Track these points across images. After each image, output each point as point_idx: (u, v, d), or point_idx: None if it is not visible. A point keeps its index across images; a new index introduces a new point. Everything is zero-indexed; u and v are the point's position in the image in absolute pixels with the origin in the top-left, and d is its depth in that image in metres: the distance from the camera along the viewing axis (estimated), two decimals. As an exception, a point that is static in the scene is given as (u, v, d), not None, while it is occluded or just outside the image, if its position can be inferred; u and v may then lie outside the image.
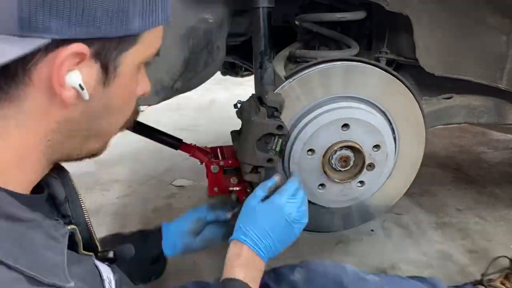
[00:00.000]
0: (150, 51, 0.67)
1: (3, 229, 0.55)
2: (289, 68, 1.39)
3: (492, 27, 1.36)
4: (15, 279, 0.53)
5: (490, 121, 1.56)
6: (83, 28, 0.55)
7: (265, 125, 1.06)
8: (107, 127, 0.70)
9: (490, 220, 2.04)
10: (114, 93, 0.65)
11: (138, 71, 0.69)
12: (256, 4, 1.21)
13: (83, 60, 0.58)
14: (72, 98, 0.59)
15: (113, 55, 0.61)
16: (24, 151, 0.61)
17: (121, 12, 0.58)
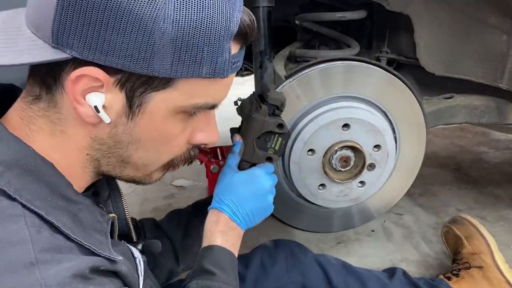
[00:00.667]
0: (193, 101, 0.67)
1: (60, 206, 0.62)
2: (289, 67, 1.38)
3: (493, 27, 1.36)
4: (72, 248, 0.59)
5: (490, 121, 1.55)
6: (102, 55, 0.58)
7: (265, 123, 1.06)
8: (141, 160, 0.72)
9: (490, 220, 2.04)
10: (140, 128, 0.67)
11: (182, 117, 0.69)
12: (256, 4, 1.21)
13: (104, 85, 0.61)
14: (89, 116, 0.63)
15: (139, 91, 0.63)
16: (70, 158, 0.67)
17: (143, 52, 0.58)
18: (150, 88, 0.63)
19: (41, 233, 0.56)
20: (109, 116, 0.63)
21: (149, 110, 0.65)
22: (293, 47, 1.50)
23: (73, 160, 0.68)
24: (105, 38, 0.57)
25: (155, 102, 0.64)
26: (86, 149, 0.68)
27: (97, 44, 0.57)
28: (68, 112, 0.64)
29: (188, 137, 0.75)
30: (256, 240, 1.83)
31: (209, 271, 0.86)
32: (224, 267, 0.88)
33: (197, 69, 0.62)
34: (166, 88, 0.63)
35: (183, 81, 0.63)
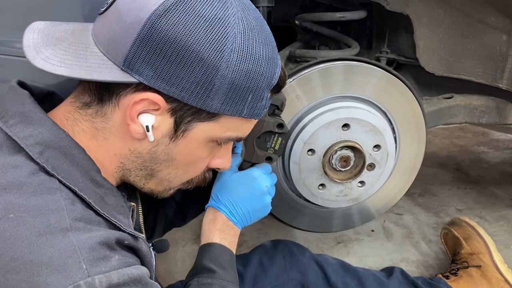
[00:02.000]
0: (227, 134, 0.77)
1: (90, 187, 0.69)
2: (289, 67, 1.39)
3: (493, 27, 1.36)
4: (100, 221, 0.67)
5: (490, 121, 1.55)
6: (167, 86, 0.67)
7: (265, 123, 1.06)
8: (168, 176, 0.81)
9: (490, 220, 2.04)
10: (178, 149, 0.76)
11: (211, 145, 0.79)
12: (256, 4, 1.21)
13: (159, 110, 0.69)
14: (137, 133, 0.71)
15: (187, 119, 0.72)
16: (104, 162, 0.75)
17: (203, 89, 0.68)
18: (197, 119, 0.72)
19: (75, 205, 0.64)
20: (154, 135, 0.72)
21: (191, 136, 0.74)
22: (293, 47, 1.50)
23: (107, 163, 0.75)
24: (172, 72, 0.66)
25: (198, 130, 0.74)
26: (122, 157, 0.76)
27: (164, 76, 0.66)
28: (115, 124, 0.72)
29: (208, 161, 0.84)
30: (256, 240, 1.83)
31: (209, 268, 0.87)
32: (223, 265, 0.89)
33: (240, 110, 0.73)
34: (210, 121, 0.73)
35: (225, 117, 0.74)
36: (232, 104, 0.72)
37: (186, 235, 1.89)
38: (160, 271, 1.74)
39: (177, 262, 1.74)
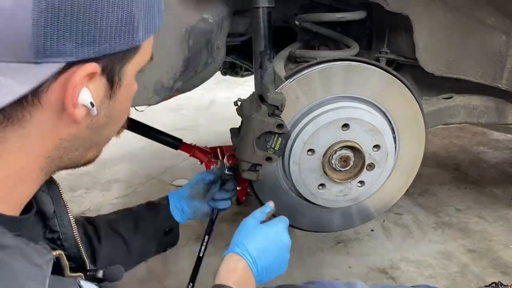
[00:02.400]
0: (146, 58, 0.67)
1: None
2: (289, 68, 1.39)
3: (492, 27, 1.36)
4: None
5: (490, 121, 1.56)
6: (95, 47, 0.56)
7: (265, 123, 1.06)
8: (108, 136, 0.71)
9: (490, 219, 2.04)
10: (118, 103, 0.65)
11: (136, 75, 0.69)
12: (256, 4, 1.21)
13: (93, 78, 0.59)
14: (82, 115, 0.60)
15: (117, 68, 0.62)
16: (23, 171, 0.61)
17: (128, 24, 0.59)
18: (126, 61, 0.62)
19: None
20: (96, 106, 0.61)
21: (125, 82, 0.64)
22: (293, 48, 1.51)
23: (28, 170, 0.62)
24: (93, 29, 0.55)
25: (128, 72, 0.64)
26: (49, 152, 0.63)
27: (87, 38, 0.55)
28: (38, 124, 0.58)
29: None
30: (256, 240, 1.84)
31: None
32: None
33: (156, 24, 0.64)
34: (136, 54, 0.63)
35: (146, 42, 0.64)
36: (151, 22, 0.63)
37: (186, 235, 1.89)
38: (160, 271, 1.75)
39: (178, 262, 1.75)
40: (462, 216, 2.11)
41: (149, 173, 2.68)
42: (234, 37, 1.58)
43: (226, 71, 2.66)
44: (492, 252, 1.86)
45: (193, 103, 4.35)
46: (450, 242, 1.90)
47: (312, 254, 1.85)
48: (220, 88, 4.96)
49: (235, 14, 1.44)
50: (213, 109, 4.38)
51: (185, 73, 1.26)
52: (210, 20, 1.26)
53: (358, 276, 1.78)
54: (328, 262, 1.82)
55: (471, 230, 2.00)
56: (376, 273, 1.78)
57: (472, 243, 1.91)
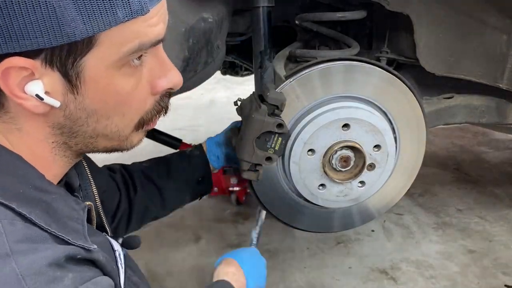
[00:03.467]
0: (126, 49, 0.62)
1: (33, 197, 0.61)
2: (289, 67, 1.38)
3: (493, 27, 1.36)
4: (46, 238, 0.59)
5: (491, 121, 1.55)
6: (13, 42, 0.56)
7: (265, 123, 1.06)
8: (109, 129, 0.69)
9: (490, 220, 2.04)
10: (90, 98, 0.64)
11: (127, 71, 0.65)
12: (256, 4, 1.21)
13: (34, 72, 0.59)
14: (37, 107, 0.61)
15: (69, 62, 0.60)
16: (35, 152, 0.66)
17: (49, 21, 0.56)
18: (78, 55, 0.60)
19: (15, 225, 0.57)
20: (56, 99, 0.61)
21: (89, 77, 0.62)
22: (293, 47, 1.50)
23: (40, 151, 0.67)
24: (6, 24, 0.55)
25: (90, 67, 0.61)
26: (49, 138, 0.67)
27: (4, 34, 0.55)
28: (16, 109, 0.63)
29: (150, 88, 0.70)
30: (256, 240, 1.83)
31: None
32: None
33: (112, 17, 0.58)
34: (92, 48, 0.60)
35: (103, 34, 0.59)
36: (95, 16, 0.57)
37: (186, 235, 1.89)
38: (160, 271, 1.75)
39: (178, 262, 1.75)
40: (463, 216, 2.10)
41: (149, 173, 2.68)
42: (234, 37, 1.58)
43: (226, 71, 2.66)
44: (492, 253, 1.86)
45: (192, 103, 4.35)
46: (451, 243, 1.90)
47: (312, 254, 1.84)
48: (220, 87, 4.96)
49: (235, 14, 1.43)
50: (213, 109, 4.37)
51: (184, 73, 1.26)
52: (210, 19, 1.25)
53: (359, 276, 1.78)
54: (329, 262, 1.82)
55: (471, 230, 2.00)
56: (376, 274, 1.77)
57: (473, 244, 1.90)
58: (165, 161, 1.22)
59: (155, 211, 1.18)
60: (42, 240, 0.58)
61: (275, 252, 1.87)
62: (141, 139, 0.77)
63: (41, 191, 0.63)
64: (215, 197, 2.45)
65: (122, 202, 1.10)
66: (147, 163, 1.21)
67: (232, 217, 2.15)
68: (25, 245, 0.55)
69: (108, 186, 1.06)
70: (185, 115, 4.06)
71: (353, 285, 1.76)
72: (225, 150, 1.25)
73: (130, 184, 1.13)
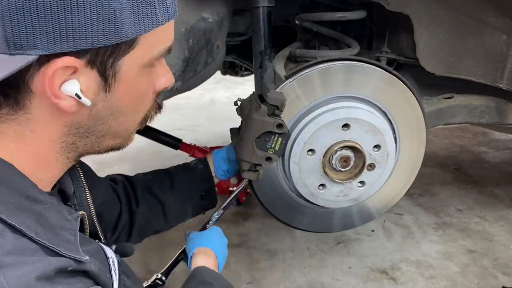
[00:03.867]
0: (156, 51, 0.67)
1: (25, 207, 0.60)
2: (289, 67, 1.38)
3: (493, 27, 1.36)
4: (37, 249, 0.58)
5: (491, 121, 1.55)
6: (69, 42, 0.57)
7: (265, 123, 1.06)
8: (121, 126, 0.72)
9: (490, 220, 2.04)
10: (119, 96, 0.67)
11: (148, 70, 0.69)
12: (256, 4, 1.21)
13: (77, 71, 0.60)
14: (71, 106, 0.62)
15: (110, 62, 0.62)
16: (41, 153, 0.66)
17: (108, 22, 0.58)
18: (120, 55, 0.63)
19: (4, 236, 0.56)
20: (88, 98, 0.63)
21: (123, 76, 0.65)
22: (293, 47, 1.50)
23: (46, 152, 0.67)
24: (66, 23, 0.56)
25: (127, 66, 0.64)
26: (61, 138, 0.67)
27: (60, 33, 0.56)
28: (39, 111, 0.63)
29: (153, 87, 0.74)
30: (256, 240, 1.83)
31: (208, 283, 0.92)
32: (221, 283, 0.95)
33: (155, 20, 0.63)
34: (133, 49, 0.63)
35: (143, 36, 0.63)
36: (144, 19, 0.62)
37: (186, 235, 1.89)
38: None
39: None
40: (463, 216, 2.10)
41: (149, 173, 2.68)
42: (234, 37, 1.58)
43: (226, 71, 2.66)
44: (492, 253, 1.86)
45: (192, 103, 4.35)
46: (451, 243, 1.90)
47: (312, 254, 1.84)
48: (220, 87, 4.96)
49: (235, 14, 1.43)
50: (213, 109, 4.37)
51: (184, 73, 1.26)
52: (210, 19, 1.25)
53: (359, 276, 1.78)
54: (329, 262, 1.82)
55: (471, 230, 2.00)
56: (376, 274, 1.77)
57: (473, 244, 1.90)
58: (169, 174, 1.20)
59: (157, 225, 1.17)
60: (32, 252, 0.57)
61: (275, 252, 1.87)
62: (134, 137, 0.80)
63: (33, 201, 0.62)
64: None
65: (123, 214, 1.08)
66: (150, 175, 1.20)
67: (232, 217, 2.15)
68: (14, 258, 0.55)
69: (108, 196, 1.05)
70: (185, 115, 4.06)
71: (353, 285, 1.76)
72: (232, 164, 1.23)
73: (132, 196, 1.11)
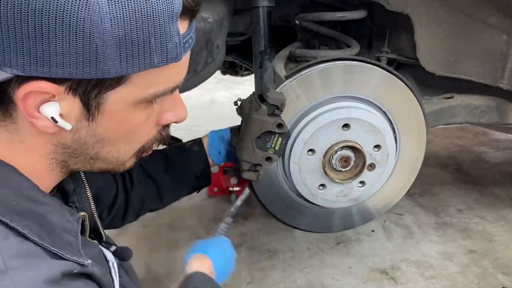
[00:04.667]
0: (152, 90, 0.64)
1: (27, 209, 0.60)
2: (289, 67, 1.38)
3: (493, 27, 1.36)
4: (41, 253, 0.58)
5: (491, 121, 1.55)
6: (45, 68, 0.55)
7: (265, 123, 1.05)
8: (110, 154, 0.70)
9: (490, 220, 2.04)
10: (104, 127, 0.65)
11: (144, 106, 0.66)
12: (256, 4, 1.21)
13: (56, 96, 0.58)
14: (48, 128, 0.61)
15: (93, 94, 0.60)
16: (31, 165, 0.65)
17: (88, 56, 0.56)
18: (104, 89, 0.60)
19: (8, 239, 0.56)
20: (69, 122, 0.61)
21: (108, 109, 0.62)
22: (293, 47, 1.50)
23: (37, 165, 0.66)
24: (43, 50, 0.54)
25: (113, 101, 0.62)
26: (49, 154, 0.66)
27: (36, 58, 0.54)
28: (24, 124, 0.62)
29: (156, 120, 0.72)
30: (257, 240, 1.83)
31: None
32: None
33: (148, 61, 0.59)
34: (120, 85, 0.60)
35: (136, 75, 0.60)
36: (133, 59, 0.58)
37: (186, 235, 1.89)
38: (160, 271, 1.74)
39: (178, 262, 1.74)
40: (463, 216, 2.10)
41: (149, 173, 2.68)
42: (234, 37, 1.58)
43: (226, 71, 2.65)
44: (493, 253, 1.86)
45: (192, 103, 4.35)
46: (451, 243, 1.90)
47: (312, 254, 1.84)
48: (220, 87, 4.96)
49: (235, 14, 1.43)
50: (213, 109, 4.37)
51: (184, 73, 1.25)
52: (210, 19, 1.25)
53: (359, 276, 1.78)
54: (329, 262, 1.82)
55: (471, 230, 2.00)
56: (376, 274, 1.77)
57: (473, 244, 1.90)
58: (164, 155, 1.21)
59: (152, 204, 1.18)
60: (36, 256, 0.57)
61: (275, 252, 1.87)
62: (134, 163, 0.78)
63: (35, 202, 0.62)
64: (215, 197, 2.45)
65: (119, 194, 1.10)
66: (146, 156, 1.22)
67: (232, 217, 2.15)
68: (20, 261, 0.54)
69: (105, 179, 1.07)
70: (185, 115, 4.05)
71: (353, 285, 1.76)
72: (227, 146, 1.24)
73: (127, 176, 1.12)
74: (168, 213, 2.13)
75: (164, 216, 2.09)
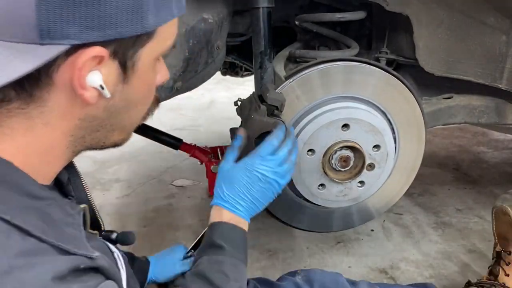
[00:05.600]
0: (166, 44, 0.68)
1: (27, 206, 0.59)
2: (289, 68, 1.39)
3: (492, 27, 1.36)
4: (46, 249, 0.56)
5: (490, 121, 1.56)
6: (100, 31, 0.57)
7: (264, 123, 1.06)
8: (130, 119, 0.72)
9: (489, 219, 2.04)
10: (134, 88, 0.67)
11: (155, 64, 0.70)
12: (256, 4, 1.21)
13: (103, 61, 0.60)
14: (93, 98, 0.62)
15: (130, 53, 0.63)
16: (50, 147, 0.65)
17: (136, 12, 0.59)
18: (139, 46, 0.63)
19: (11, 237, 0.54)
20: (108, 89, 0.62)
21: (140, 68, 0.65)
22: (293, 48, 1.51)
23: (56, 144, 0.66)
24: (98, 13, 0.56)
25: (144, 58, 0.65)
26: (71, 131, 0.66)
27: (92, 22, 0.56)
28: (56, 103, 0.61)
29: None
30: (257, 239, 1.83)
31: (218, 245, 0.86)
32: (234, 242, 0.88)
33: (170, 12, 0.64)
34: (150, 40, 0.64)
35: (160, 28, 0.64)
36: (163, 10, 0.63)
37: (186, 235, 1.89)
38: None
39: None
40: (462, 216, 2.11)
41: (149, 173, 2.68)
42: (234, 37, 1.58)
43: (226, 71, 2.66)
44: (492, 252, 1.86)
45: (193, 103, 4.35)
46: (450, 242, 1.90)
47: (312, 254, 1.85)
48: (220, 88, 4.96)
49: (235, 14, 1.44)
50: (213, 109, 4.37)
51: (185, 73, 1.26)
52: (210, 20, 1.26)
53: (358, 276, 1.78)
54: (328, 262, 1.82)
55: (471, 230, 2.00)
56: (376, 273, 1.78)
57: (472, 243, 1.91)
58: None
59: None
60: (41, 252, 0.55)
61: (275, 252, 1.88)
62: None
63: (35, 198, 0.61)
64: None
65: None
66: None
67: (232, 217, 2.15)
68: (24, 259, 0.53)
69: None
70: (185, 115, 4.06)
71: (353, 284, 1.76)
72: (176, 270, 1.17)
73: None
74: (168, 213, 2.14)
75: (164, 216, 2.10)
